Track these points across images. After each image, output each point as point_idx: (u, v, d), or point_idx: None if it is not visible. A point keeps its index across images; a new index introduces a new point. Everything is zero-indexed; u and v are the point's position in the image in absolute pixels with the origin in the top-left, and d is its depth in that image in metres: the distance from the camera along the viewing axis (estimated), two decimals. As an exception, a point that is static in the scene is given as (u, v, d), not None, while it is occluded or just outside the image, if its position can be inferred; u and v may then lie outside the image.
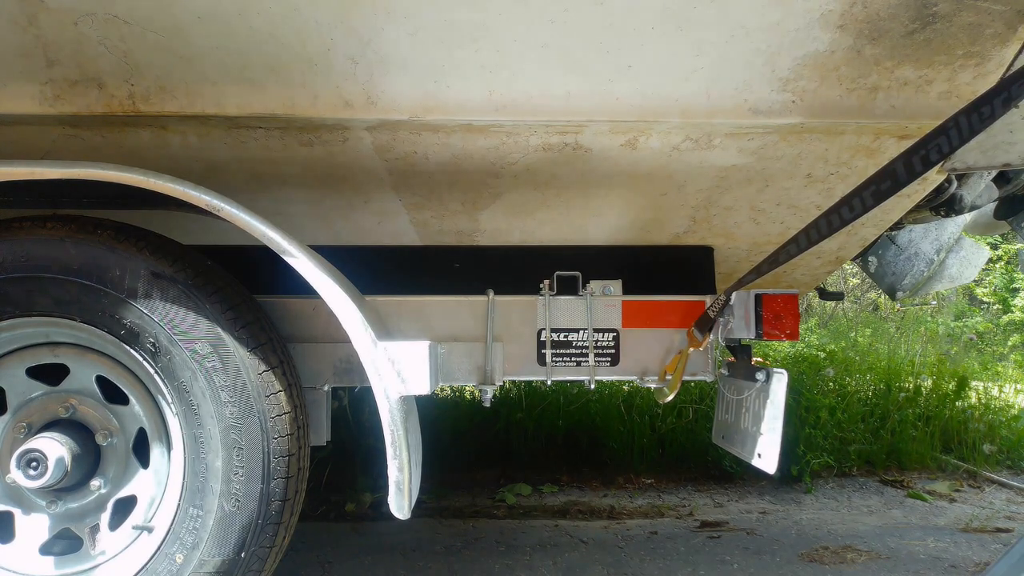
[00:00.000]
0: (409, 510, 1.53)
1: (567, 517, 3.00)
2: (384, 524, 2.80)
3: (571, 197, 1.94)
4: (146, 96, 1.55)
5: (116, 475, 1.63)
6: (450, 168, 1.77)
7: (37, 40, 1.46)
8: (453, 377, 1.95)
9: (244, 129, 1.63)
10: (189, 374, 1.51)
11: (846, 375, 4.45)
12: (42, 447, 1.49)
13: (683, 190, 1.90)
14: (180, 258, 1.57)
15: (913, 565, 2.49)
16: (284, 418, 1.56)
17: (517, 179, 1.83)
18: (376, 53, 1.48)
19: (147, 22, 1.44)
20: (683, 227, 2.08)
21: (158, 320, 1.51)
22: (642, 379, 2.01)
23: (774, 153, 1.72)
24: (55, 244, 1.51)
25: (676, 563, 2.40)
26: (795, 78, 1.52)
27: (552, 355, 1.97)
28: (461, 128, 1.63)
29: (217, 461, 1.52)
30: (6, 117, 1.57)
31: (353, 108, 1.56)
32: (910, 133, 1.64)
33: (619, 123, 1.62)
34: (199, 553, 1.51)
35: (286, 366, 1.65)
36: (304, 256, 1.51)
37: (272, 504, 1.53)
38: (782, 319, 1.97)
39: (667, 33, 1.46)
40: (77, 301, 1.51)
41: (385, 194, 1.91)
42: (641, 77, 1.53)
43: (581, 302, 1.98)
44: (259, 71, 1.51)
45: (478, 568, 2.39)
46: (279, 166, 1.77)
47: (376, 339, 1.53)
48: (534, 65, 1.51)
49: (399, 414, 1.51)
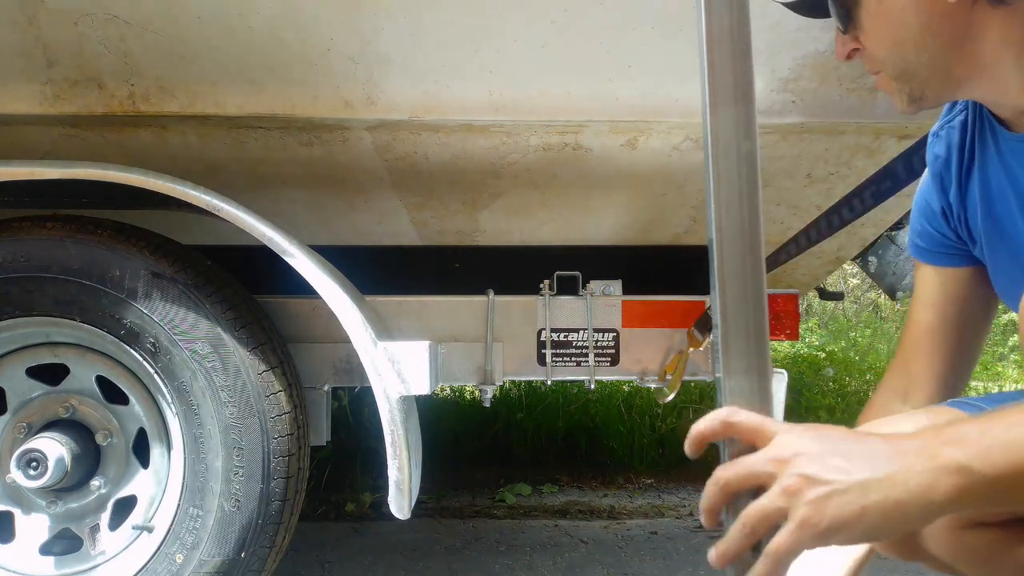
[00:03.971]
0: (409, 510, 1.53)
1: (567, 517, 3.00)
2: (384, 524, 2.80)
3: (571, 197, 1.94)
4: (146, 96, 1.55)
5: (116, 475, 1.63)
6: (450, 168, 1.77)
7: (37, 40, 1.46)
8: (453, 377, 1.95)
9: (244, 129, 1.63)
10: (189, 374, 1.51)
11: (846, 375, 4.45)
12: (42, 447, 1.48)
13: (683, 190, 1.89)
14: (180, 258, 1.57)
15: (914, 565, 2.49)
16: (284, 418, 1.56)
17: (517, 179, 1.83)
18: (376, 53, 1.48)
19: (147, 22, 1.44)
20: (683, 227, 2.08)
21: (158, 320, 1.51)
22: (642, 379, 2.00)
23: (774, 153, 1.72)
24: (55, 244, 1.51)
25: (676, 563, 2.39)
26: (795, 78, 1.52)
27: (552, 355, 1.97)
28: (461, 128, 1.63)
29: (217, 461, 1.52)
30: (6, 117, 1.57)
31: (353, 108, 1.56)
32: (910, 133, 1.64)
33: (619, 123, 1.62)
34: (199, 553, 1.51)
35: (286, 366, 1.65)
36: (304, 256, 1.51)
37: (272, 504, 1.53)
38: (782, 319, 1.97)
39: (667, 33, 1.46)
40: (77, 301, 1.51)
41: (385, 194, 1.90)
42: (641, 77, 1.53)
43: (581, 302, 1.98)
44: (259, 71, 1.51)
45: (478, 568, 2.39)
46: (279, 166, 1.77)
47: (376, 339, 1.53)
48: (534, 65, 1.51)
49: (399, 414, 1.51)
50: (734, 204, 0.68)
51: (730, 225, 0.68)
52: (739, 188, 0.68)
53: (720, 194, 0.68)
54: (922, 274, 1.11)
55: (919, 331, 1.10)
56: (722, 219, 0.68)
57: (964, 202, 1.01)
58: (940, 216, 1.05)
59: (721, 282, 0.68)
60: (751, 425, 0.66)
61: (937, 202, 1.05)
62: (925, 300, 1.10)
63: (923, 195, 1.09)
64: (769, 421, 0.67)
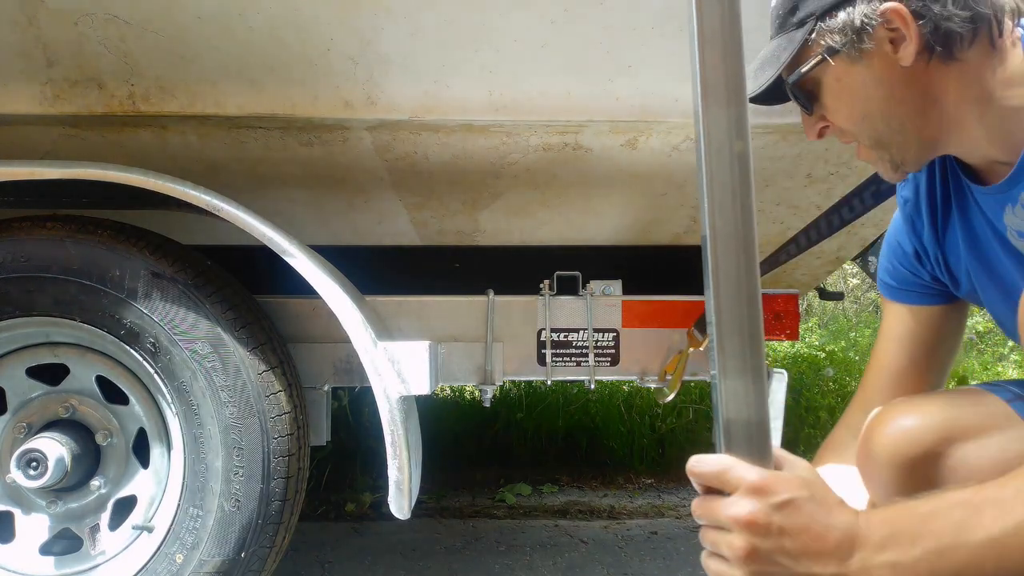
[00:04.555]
0: (409, 510, 1.53)
1: (567, 517, 2.99)
2: (384, 524, 2.80)
3: (571, 197, 1.94)
4: (146, 96, 1.55)
5: (116, 475, 1.63)
6: (450, 168, 1.77)
7: (37, 40, 1.46)
8: (453, 377, 1.95)
9: (244, 129, 1.63)
10: (189, 374, 1.51)
11: (846, 375, 4.44)
12: (42, 447, 1.48)
13: (683, 190, 1.89)
14: (180, 258, 1.57)
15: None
16: (284, 418, 1.56)
17: (517, 179, 1.83)
18: (376, 53, 1.48)
19: (147, 22, 1.44)
20: (683, 227, 2.08)
21: (158, 320, 1.51)
22: (642, 379, 2.00)
23: (774, 153, 1.72)
24: (55, 244, 1.51)
25: (676, 563, 2.39)
26: (795, 78, 1.52)
27: (552, 355, 1.97)
28: (461, 128, 1.63)
29: (217, 461, 1.52)
30: (6, 117, 1.57)
31: (353, 108, 1.56)
32: (910, 133, 1.64)
33: (619, 123, 1.62)
34: (199, 553, 1.51)
35: (286, 366, 1.65)
36: (304, 256, 1.51)
37: (272, 504, 1.53)
38: (782, 319, 1.97)
39: (667, 33, 1.46)
40: (77, 301, 1.51)
41: (385, 194, 1.90)
42: (641, 77, 1.53)
43: (581, 302, 1.98)
44: (259, 71, 1.51)
45: (478, 568, 2.39)
46: (279, 166, 1.77)
47: (376, 339, 1.53)
48: (534, 65, 1.51)
49: (399, 414, 1.51)
50: (727, 205, 0.68)
51: (723, 226, 0.68)
52: (732, 188, 0.68)
53: (713, 195, 0.68)
54: (891, 311, 1.12)
55: (884, 371, 1.11)
56: (716, 220, 0.68)
57: (942, 246, 1.02)
58: (913, 257, 1.07)
59: (715, 282, 0.68)
60: (711, 473, 0.69)
61: (909, 244, 1.07)
62: (892, 336, 1.11)
63: (895, 235, 1.10)
64: (730, 469, 0.68)
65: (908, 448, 0.95)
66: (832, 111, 0.92)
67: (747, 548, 0.66)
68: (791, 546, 0.66)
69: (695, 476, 0.70)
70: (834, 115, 0.92)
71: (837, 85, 0.88)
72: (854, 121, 0.90)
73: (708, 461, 0.69)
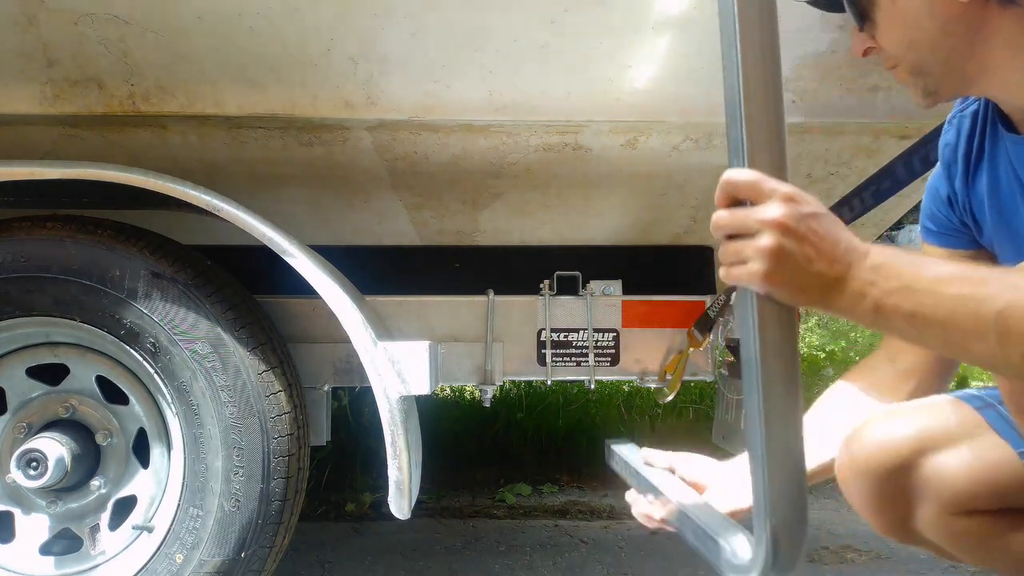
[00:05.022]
0: (409, 510, 1.53)
1: (567, 517, 2.99)
2: (384, 524, 2.80)
3: (571, 197, 1.94)
4: (146, 96, 1.55)
5: (116, 475, 1.63)
6: (450, 168, 1.77)
7: (37, 40, 1.46)
8: (453, 377, 1.95)
9: (244, 129, 1.63)
10: (189, 374, 1.51)
11: (846, 375, 4.44)
12: (42, 447, 1.48)
13: (683, 190, 1.89)
14: (180, 258, 1.57)
15: (914, 565, 2.49)
16: (284, 418, 1.56)
17: (517, 179, 1.83)
18: (376, 53, 1.48)
19: (147, 22, 1.43)
20: (683, 227, 2.08)
21: (158, 320, 1.51)
22: (642, 379, 2.00)
23: (774, 153, 1.72)
24: (55, 244, 1.51)
25: (676, 563, 2.39)
26: (795, 78, 1.52)
27: (552, 355, 1.97)
28: (461, 128, 1.63)
29: (217, 461, 1.52)
30: (6, 117, 1.57)
31: (353, 108, 1.56)
32: (910, 133, 1.64)
33: (619, 123, 1.62)
34: (199, 553, 1.51)
35: (286, 366, 1.65)
36: (304, 256, 1.51)
37: (272, 504, 1.53)
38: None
39: (667, 33, 1.45)
40: (77, 301, 1.51)
41: (385, 194, 1.90)
42: (641, 77, 1.53)
43: (581, 302, 1.98)
44: (259, 71, 1.51)
45: (478, 568, 2.39)
46: (279, 166, 1.77)
47: (376, 339, 1.53)
48: (534, 65, 1.51)
49: (399, 414, 1.51)
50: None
51: None
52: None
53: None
54: (930, 255, 1.14)
55: None
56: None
57: (970, 192, 1.04)
58: (946, 202, 1.09)
59: None
60: (748, 182, 0.75)
61: (944, 189, 1.09)
62: None
63: (934, 180, 1.13)
64: (764, 180, 0.75)
65: (885, 459, 0.99)
66: (882, 32, 0.92)
67: (776, 246, 0.73)
68: (810, 250, 0.73)
69: (731, 185, 0.76)
70: (882, 37, 0.92)
71: (892, 8, 0.89)
72: (901, 46, 0.91)
73: (744, 172, 0.75)
